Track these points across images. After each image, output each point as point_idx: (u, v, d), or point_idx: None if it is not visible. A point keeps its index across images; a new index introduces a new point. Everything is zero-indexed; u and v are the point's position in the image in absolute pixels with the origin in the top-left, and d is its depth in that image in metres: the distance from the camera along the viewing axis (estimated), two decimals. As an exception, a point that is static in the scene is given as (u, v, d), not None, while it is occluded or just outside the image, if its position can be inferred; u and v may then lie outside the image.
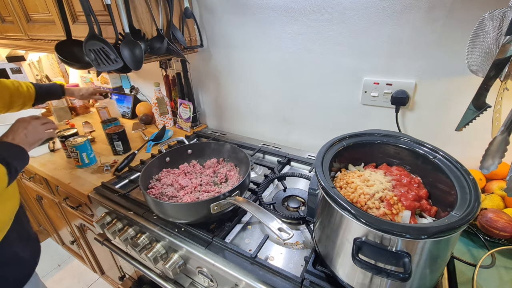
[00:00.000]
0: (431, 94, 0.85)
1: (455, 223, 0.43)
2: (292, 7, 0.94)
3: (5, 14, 1.34)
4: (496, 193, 0.76)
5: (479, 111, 0.57)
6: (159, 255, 0.78)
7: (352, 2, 0.84)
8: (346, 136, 0.68)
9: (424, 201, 0.57)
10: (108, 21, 0.89)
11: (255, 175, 1.04)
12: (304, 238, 0.75)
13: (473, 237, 0.70)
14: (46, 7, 1.09)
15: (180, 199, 0.79)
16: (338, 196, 0.50)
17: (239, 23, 1.08)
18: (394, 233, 0.43)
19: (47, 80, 1.89)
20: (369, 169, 0.68)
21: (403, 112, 0.92)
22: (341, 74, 0.96)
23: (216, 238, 0.72)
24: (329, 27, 0.91)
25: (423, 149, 0.63)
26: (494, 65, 0.53)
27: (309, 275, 0.61)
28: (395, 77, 0.88)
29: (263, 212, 0.64)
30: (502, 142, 0.51)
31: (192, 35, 1.17)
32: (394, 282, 0.49)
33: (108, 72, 1.54)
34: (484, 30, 0.57)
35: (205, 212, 0.70)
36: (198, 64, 1.31)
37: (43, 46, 1.26)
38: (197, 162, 0.98)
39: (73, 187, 1.01)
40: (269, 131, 1.26)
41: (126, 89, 1.75)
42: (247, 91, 1.22)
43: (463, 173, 0.54)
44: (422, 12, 0.76)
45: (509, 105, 0.52)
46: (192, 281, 0.81)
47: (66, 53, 0.95)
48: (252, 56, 1.12)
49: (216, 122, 1.44)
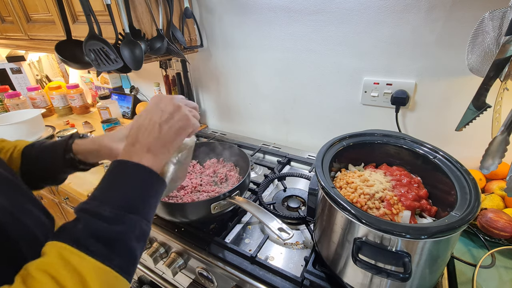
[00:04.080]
0: (431, 94, 0.85)
1: (455, 223, 0.43)
2: (292, 7, 0.94)
3: (5, 14, 1.34)
4: (496, 193, 0.76)
5: (479, 111, 0.57)
6: (159, 255, 0.78)
7: (352, 2, 0.84)
8: (346, 136, 0.68)
9: (424, 201, 0.57)
10: (108, 21, 0.89)
11: (255, 175, 1.04)
12: (304, 238, 0.75)
13: (473, 237, 0.70)
14: (46, 7, 1.09)
15: (180, 199, 0.79)
16: (338, 196, 0.50)
17: (239, 23, 1.08)
18: (394, 233, 0.43)
19: (47, 80, 1.89)
20: (369, 169, 0.68)
21: (403, 112, 0.92)
22: (341, 74, 0.96)
23: (216, 238, 0.72)
24: (329, 27, 0.91)
25: (423, 149, 0.63)
26: (494, 65, 0.53)
27: (309, 275, 0.61)
28: (395, 77, 0.88)
29: (263, 212, 0.64)
30: (502, 142, 0.51)
31: (192, 35, 1.17)
32: (394, 282, 0.49)
33: (108, 72, 1.54)
34: (484, 30, 0.57)
35: (205, 212, 0.70)
36: (198, 64, 1.31)
37: (43, 46, 1.26)
38: (197, 162, 0.98)
39: (73, 187, 1.01)
40: (269, 131, 1.26)
41: (126, 89, 1.75)
42: (247, 91, 1.22)
43: (463, 173, 0.54)
44: (422, 12, 0.76)
45: (509, 105, 0.52)
46: (192, 281, 0.81)
47: (66, 53, 0.95)
48: (252, 56, 1.12)
49: (216, 122, 1.44)
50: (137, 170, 0.38)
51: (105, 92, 1.59)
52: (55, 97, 1.65)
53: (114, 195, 0.35)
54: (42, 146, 0.57)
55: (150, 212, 0.38)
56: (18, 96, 1.57)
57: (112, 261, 0.32)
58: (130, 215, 0.35)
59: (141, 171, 0.38)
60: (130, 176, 0.37)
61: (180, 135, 0.42)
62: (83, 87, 1.77)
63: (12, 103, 1.55)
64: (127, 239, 0.34)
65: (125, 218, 0.34)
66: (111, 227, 0.33)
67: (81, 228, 0.32)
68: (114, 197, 0.35)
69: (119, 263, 0.32)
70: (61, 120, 1.61)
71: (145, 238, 0.37)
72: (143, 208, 0.37)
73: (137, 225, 0.35)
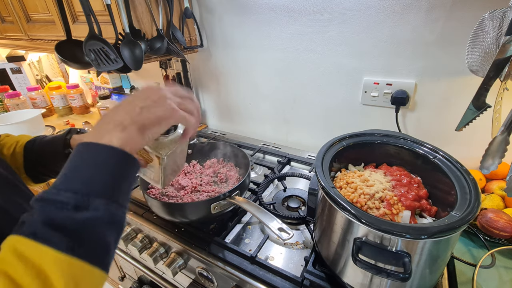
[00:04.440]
0: (431, 94, 0.85)
1: (455, 223, 0.43)
2: (292, 7, 0.94)
3: (5, 14, 1.34)
4: (496, 193, 0.76)
5: (479, 111, 0.57)
6: (159, 255, 0.78)
7: (352, 2, 0.84)
8: (346, 136, 0.68)
9: (424, 201, 0.57)
10: (108, 21, 0.89)
11: (255, 175, 1.04)
12: (304, 238, 0.75)
13: (473, 237, 0.70)
14: (46, 7, 1.09)
15: (180, 199, 0.79)
16: (338, 196, 0.50)
17: (239, 23, 1.08)
18: (394, 233, 0.43)
19: (47, 80, 1.89)
20: (369, 169, 0.68)
21: (403, 112, 0.92)
22: (341, 74, 0.96)
23: (216, 238, 0.72)
24: (329, 27, 0.91)
25: (423, 149, 0.63)
26: (494, 65, 0.53)
27: (309, 275, 0.61)
28: (395, 77, 0.88)
29: (263, 212, 0.64)
30: (502, 142, 0.51)
31: (192, 35, 1.17)
32: (394, 282, 0.49)
33: (108, 72, 1.54)
34: (484, 30, 0.57)
35: (205, 212, 0.70)
36: (198, 64, 1.31)
37: (43, 46, 1.26)
38: (197, 162, 0.98)
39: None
40: (269, 131, 1.26)
41: (126, 89, 1.74)
42: (247, 91, 1.22)
43: (463, 173, 0.54)
44: (422, 12, 0.76)
45: (509, 105, 0.52)
46: (192, 281, 0.81)
47: (66, 53, 0.95)
48: (252, 56, 1.12)
49: (216, 122, 1.44)
50: (104, 151, 0.34)
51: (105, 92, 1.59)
52: (55, 97, 1.65)
53: (75, 180, 0.32)
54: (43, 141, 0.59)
55: (122, 195, 0.35)
56: (18, 96, 1.57)
57: (76, 250, 0.29)
58: (96, 200, 0.31)
59: (109, 151, 0.34)
60: (95, 158, 0.34)
61: (159, 124, 0.40)
62: (83, 87, 1.77)
63: (12, 103, 1.55)
64: (93, 225, 0.31)
65: (89, 204, 0.31)
66: (72, 213, 0.30)
67: (36, 218, 0.29)
68: (75, 182, 0.32)
69: (85, 253, 0.30)
70: (61, 120, 1.61)
71: (118, 224, 0.34)
72: (112, 192, 0.33)
73: (106, 210, 0.32)
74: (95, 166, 0.33)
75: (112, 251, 0.33)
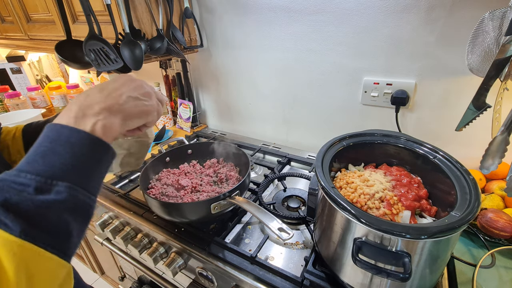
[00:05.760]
0: (431, 94, 0.85)
1: (455, 223, 0.43)
2: (292, 7, 0.94)
3: (5, 14, 1.34)
4: (496, 193, 0.76)
5: (479, 111, 0.57)
6: (159, 255, 0.78)
7: (352, 2, 0.84)
8: (346, 136, 0.68)
9: (424, 201, 0.57)
10: (108, 21, 0.89)
11: (255, 175, 1.04)
12: (304, 238, 0.75)
13: (473, 237, 0.70)
14: (46, 7, 1.09)
15: (180, 199, 0.79)
16: (338, 196, 0.50)
17: (239, 23, 1.08)
18: (394, 233, 0.43)
19: (47, 80, 1.89)
20: (369, 169, 0.68)
21: (403, 112, 0.92)
22: (341, 74, 0.96)
23: (216, 238, 0.72)
24: (329, 27, 0.91)
25: (423, 149, 0.63)
26: (494, 65, 0.53)
27: (309, 275, 0.61)
28: (395, 77, 0.88)
29: (263, 212, 0.64)
30: (502, 142, 0.51)
31: (192, 35, 1.17)
32: (394, 282, 0.49)
33: (108, 72, 1.54)
34: (484, 30, 0.57)
35: (205, 212, 0.70)
36: (198, 64, 1.31)
37: (43, 46, 1.26)
38: (197, 162, 0.98)
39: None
40: (269, 131, 1.26)
41: (126, 89, 1.74)
42: (247, 91, 1.22)
43: (463, 173, 0.54)
44: (422, 12, 0.76)
45: (509, 105, 0.52)
46: (192, 281, 0.81)
47: (66, 53, 0.95)
48: (252, 56, 1.12)
49: (216, 122, 1.44)
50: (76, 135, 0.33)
51: (105, 92, 1.59)
52: (55, 97, 1.65)
53: (39, 162, 0.30)
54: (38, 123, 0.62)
55: (91, 181, 0.33)
56: (18, 96, 1.57)
57: (31, 235, 0.27)
58: (60, 183, 0.30)
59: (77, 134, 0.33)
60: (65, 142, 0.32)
61: (140, 118, 0.41)
62: (83, 87, 1.77)
63: (12, 103, 1.55)
64: (53, 209, 0.29)
65: (52, 187, 0.29)
66: (32, 196, 0.28)
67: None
68: (39, 164, 0.30)
69: (39, 237, 0.28)
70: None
71: (83, 211, 0.32)
72: (78, 176, 0.32)
73: (70, 195, 0.30)
74: (63, 149, 0.31)
75: (74, 239, 0.32)
